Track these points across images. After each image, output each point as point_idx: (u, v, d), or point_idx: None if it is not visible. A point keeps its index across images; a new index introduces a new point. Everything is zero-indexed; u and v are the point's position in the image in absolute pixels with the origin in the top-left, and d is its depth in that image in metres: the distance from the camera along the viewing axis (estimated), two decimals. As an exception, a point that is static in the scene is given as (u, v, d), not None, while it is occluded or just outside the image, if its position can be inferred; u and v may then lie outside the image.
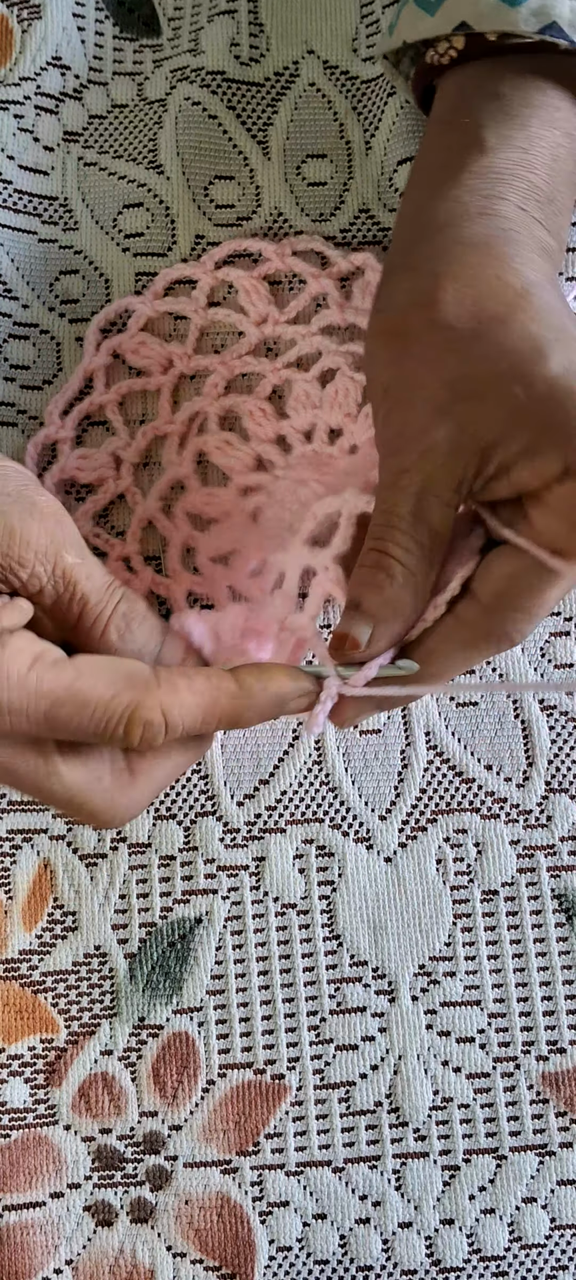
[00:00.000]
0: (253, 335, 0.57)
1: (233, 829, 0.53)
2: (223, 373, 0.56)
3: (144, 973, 0.52)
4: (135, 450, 0.56)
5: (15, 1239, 0.50)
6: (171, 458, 0.56)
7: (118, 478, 0.56)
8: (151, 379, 0.56)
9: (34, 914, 0.52)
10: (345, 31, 0.59)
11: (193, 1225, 0.50)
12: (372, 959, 0.52)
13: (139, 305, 0.57)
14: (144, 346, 0.56)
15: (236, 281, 0.57)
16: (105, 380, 0.56)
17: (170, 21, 0.60)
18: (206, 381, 0.56)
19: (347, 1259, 0.50)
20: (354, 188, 0.58)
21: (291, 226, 0.58)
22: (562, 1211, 0.51)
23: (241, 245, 0.57)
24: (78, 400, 0.56)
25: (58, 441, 0.56)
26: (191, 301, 0.57)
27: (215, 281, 0.57)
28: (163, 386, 0.56)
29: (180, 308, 0.57)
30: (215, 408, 0.56)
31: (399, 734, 0.54)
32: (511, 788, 0.54)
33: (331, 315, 0.56)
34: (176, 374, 0.56)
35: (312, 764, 0.54)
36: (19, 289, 0.57)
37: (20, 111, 0.58)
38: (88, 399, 0.56)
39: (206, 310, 0.57)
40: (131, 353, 0.56)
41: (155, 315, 0.57)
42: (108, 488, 0.55)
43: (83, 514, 0.55)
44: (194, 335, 0.57)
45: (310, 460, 0.55)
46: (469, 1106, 0.51)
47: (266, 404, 0.56)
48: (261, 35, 0.59)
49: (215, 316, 0.57)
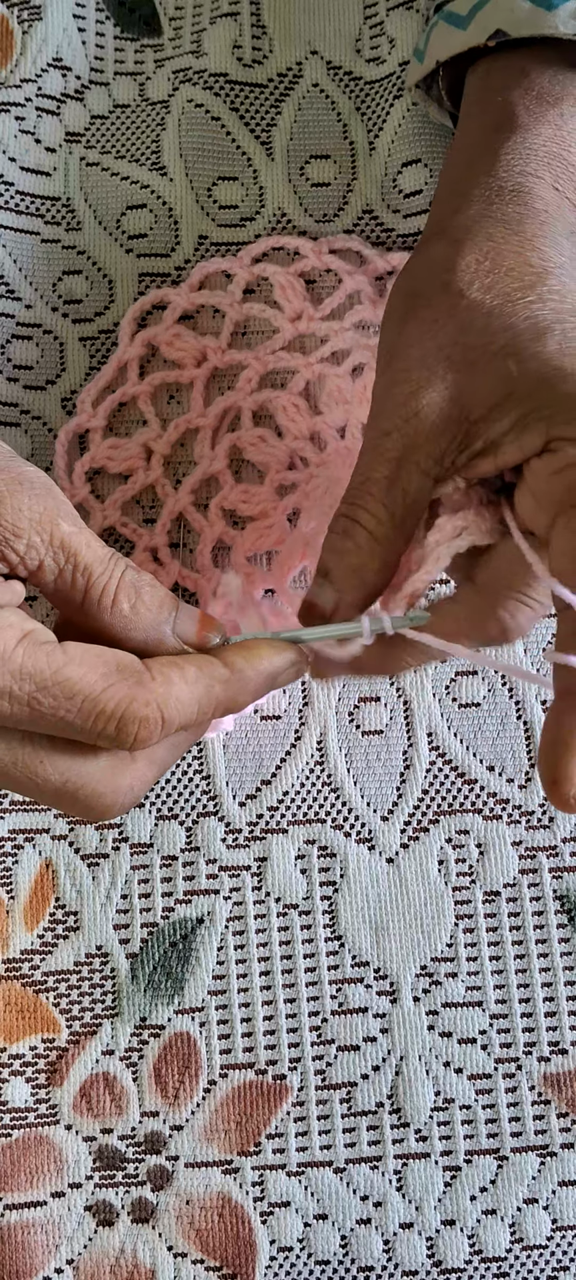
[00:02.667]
0: (287, 331, 0.56)
1: (235, 829, 0.53)
2: (256, 368, 0.56)
3: (145, 973, 0.52)
4: (166, 442, 0.56)
5: (16, 1238, 0.50)
6: (203, 451, 0.56)
7: (148, 469, 0.55)
8: (185, 371, 0.56)
9: (36, 914, 0.52)
10: (348, 32, 0.59)
11: (194, 1225, 0.50)
12: (374, 960, 0.52)
13: (174, 297, 0.57)
14: (178, 339, 0.56)
15: (272, 277, 0.57)
16: (139, 371, 0.56)
17: (171, 21, 0.60)
18: (240, 376, 0.56)
19: (349, 1259, 0.50)
20: (357, 188, 0.58)
21: (295, 227, 0.58)
22: (564, 1213, 0.51)
23: (279, 241, 0.57)
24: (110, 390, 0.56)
25: (89, 430, 0.56)
26: (227, 295, 0.57)
27: (251, 276, 0.57)
28: (196, 379, 0.56)
29: (216, 301, 0.57)
30: (248, 403, 0.56)
31: (401, 735, 0.54)
32: (513, 789, 0.54)
33: (364, 311, 0.56)
34: (210, 368, 0.56)
35: (315, 764, 0.54)
36: (22, 289, 0.57)
37: (21, 113, 0.58)
38: (120, 389, 0.56)
39: (241, 304, 0.57)
40: (166, 344, 0.56)
41: (191, 308, 0.57)
42: (137, 478, 0.55)
43: (111, 503, 0.55)
44: (228, 329, 0.57)
45: (343, 457, 0.54)
46: (470, 1107, 0.51)
47: (300, 399, 0.56)
48: (264, 37, 0.59)
49: (250, 311, 0.57)
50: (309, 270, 0.57)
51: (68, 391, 0.56)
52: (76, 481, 0.55)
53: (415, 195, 0.57)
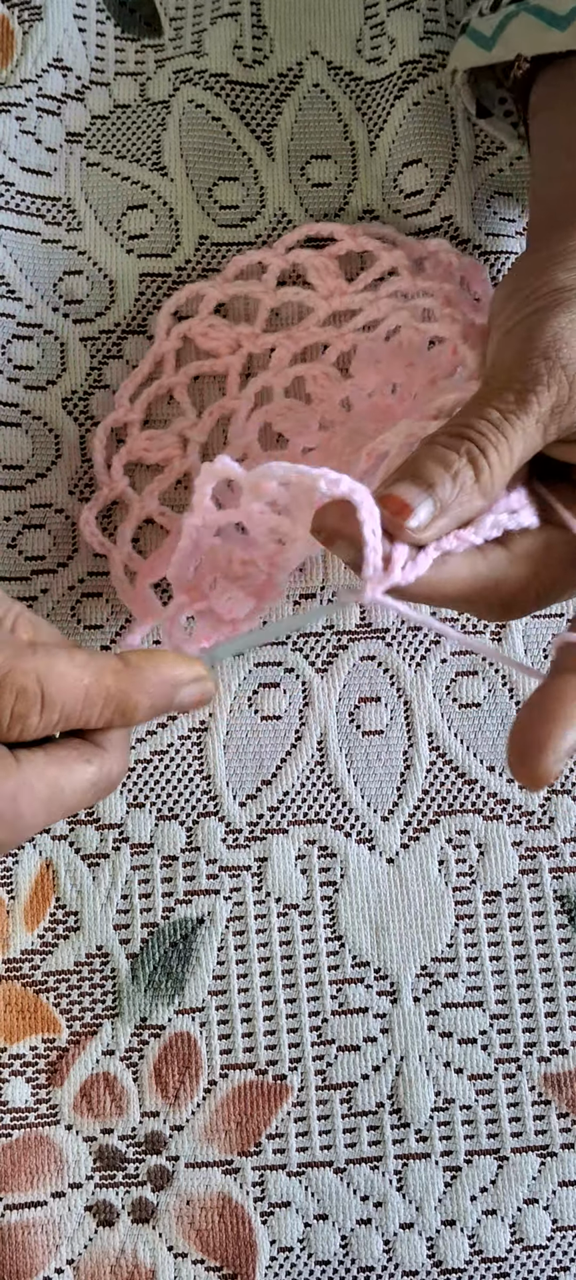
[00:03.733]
0: (321, 310, 0.56)
1: (235, 829, 0.53)
2: (289, 346, 0.56)
3: (146, 973, 0.52)
4: (202, 429, 0.56)
5: (16, 1238, 0.50)
6: (237, 432, 0.55)
7: (184, 457, 0.55)
8: (220, 360, 0.56)
9: (36, 914, 0.52)
10: (349, 32, 0.59)
11: (194, 1225, 0.50)
12: (374, 960, 0.52)
13: (209, 290, 0.57)
14: (213, 330, 0.56)
15: (307, 261, 0.56)
16: (175, 364, 0.56)
17: (172, 21, 0.60)
18: (273, 355, 0.56)
19: (349, 1260, 0.50)
20: (358, 189, 0.58)
21: (295, 227, 0.58)
22: (564, 1213, 0.51)
23: (313, 230, 0.57)
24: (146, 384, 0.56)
25: (127, 424, 0.56)
26: (261, 284, 0.57)
27: (286, 264, 0.57)
28: (231, 366, 0.56)
29: (250, 290, 0.57)
30: (280, 379, 0.56)
31: (401, 735, 0.54)
32: (514, 789, 0.54)
33: (401, 283, 0.55)
34: (245, 354, 0.56)
35: (315, 765, 0.54)
36: (22, 290, 0.57)
37: (22, 113, 0.58)
38: (156, 382, 0.56)
39: (276, 291, 0.57)
40: (201, 336, 0.56)
41: (225, 299, 0.57)
42: (173, 467, 0.55)
43: (148, 493, 0.55)
44: (263, 315, 0.56)
45: (367, 413, 0.53)
46: (471, 1107, 0.51)
47: (331, 368, 0.55)
48: (265, 37, 0.59)
49: (285, 296, 0.57)
50: (344, 254, 0.57)
51: (68, 392, 0.56)
52: (115, 475, 0.55)
53: (416, 195, 0.57)
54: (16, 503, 0.55)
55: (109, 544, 0.54)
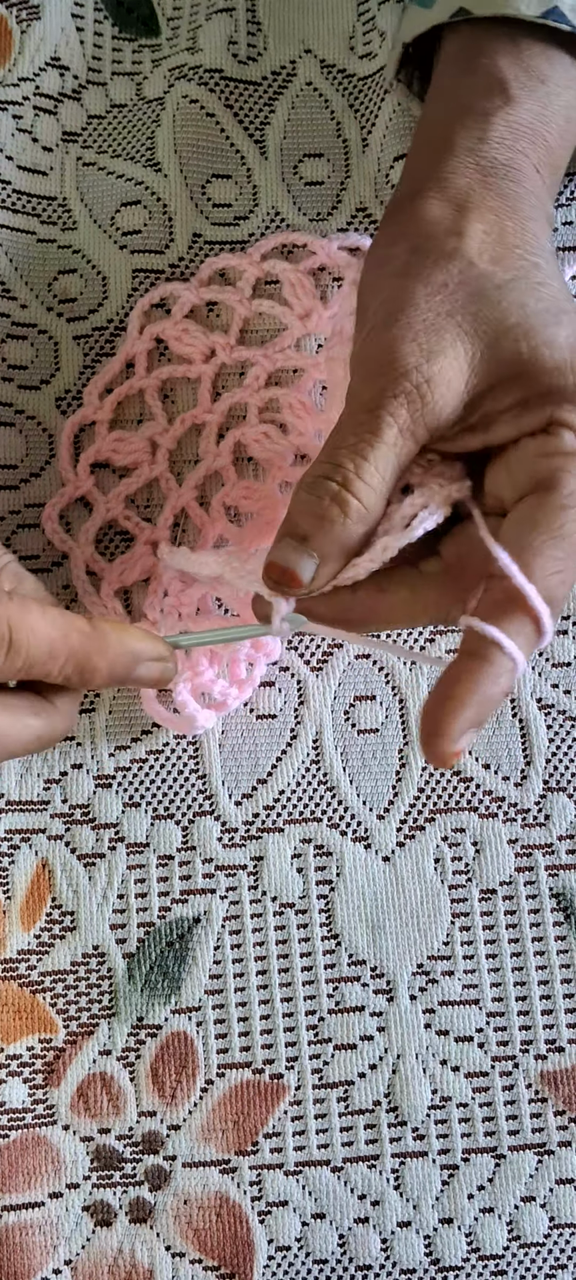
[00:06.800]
0: (296, 329, 0.56)
1: (231, 828, 0.53)
2: (265, 365, 0.56)
3: (142, 972, 0.52)
4: (172, 437, 0.55)
5: (14, 1239, 0.50)
6: (208, 447, 0.55)
7: (152, 462, 0.55)
8: (193, 366, 0.56)
9: (32, 914, 0.52)
10: (342, 30, 0.59)
11: (191, 1225, 0.50)
12: (371, 958, 0.52)
13: (184, 292, 0.56)
14: (187, 334, 0.56)
15: (281, 274, 0.56)
16: (146, 365, 0.56)
17: (169, 21, 0.60)
18: (248, 373, 0.56)
19: (346, 1258, 0.50)
20: (351, 186, 0.58)
21: (288, 225, 0.58)
22: (561, 1210, 0.51)
23: (289, 238, 0.57)
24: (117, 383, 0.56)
25: (95, 422, 0.55)
26: (236, 291, 0.56)
27: (260, 273, 0.57)
28: (203, 375, 0.56)
29: (225, 298, 0.56)
30: (256, 399, 0.55)
31: (396, 733, 0.54)
32: (509, 787, 0.54)
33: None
34: (218, 364, 0.56)
35: (310, 763, 0.54)
36: (17, 289, 0.57)
37: (19, 112, 0.58)
38: (127, 382, 0.56)
39: (251, 301, 0.56)
40: (174, 339, 0.56)
41: (200, 303, 0.57)
42: (142, 472, 0.55)
43: (115, 496, 0.55)
44: (237, 325, 0.56)
45: None
46: (467, 1105, 0.51)
47: (307, 399, 0.55)
48: (259, 34, 0.59)
49: (259, 308, 0.56)
50: (318, 268, 0.57)
51: (62, 391, 0.56)
52: (81, 473, 0.55)
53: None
54: (10, 502, 0.55)
55: (71, 542, 0.54)
